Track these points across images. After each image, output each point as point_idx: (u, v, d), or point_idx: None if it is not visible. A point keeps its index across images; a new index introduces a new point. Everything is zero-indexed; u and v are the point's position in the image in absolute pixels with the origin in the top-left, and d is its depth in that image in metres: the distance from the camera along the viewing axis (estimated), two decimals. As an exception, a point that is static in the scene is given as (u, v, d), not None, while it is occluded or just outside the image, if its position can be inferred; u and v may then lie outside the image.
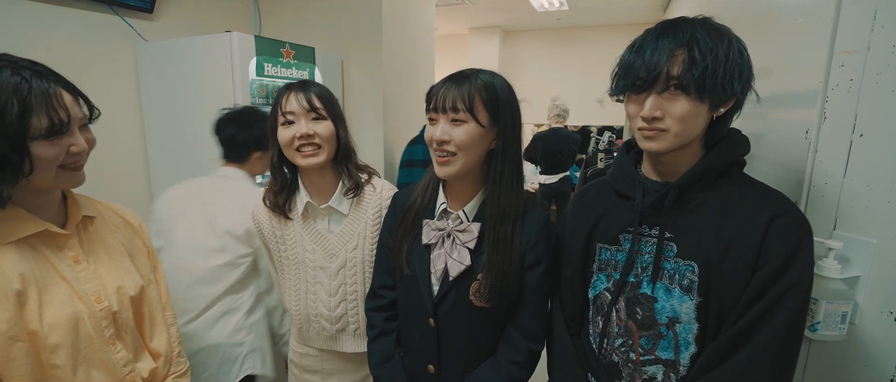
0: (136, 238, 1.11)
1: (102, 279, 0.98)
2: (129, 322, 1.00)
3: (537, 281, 1.05)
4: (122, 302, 0.99)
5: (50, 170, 0.87)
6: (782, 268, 0.79)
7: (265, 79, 2.28)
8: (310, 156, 1.18)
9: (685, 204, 0.89)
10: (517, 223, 1.03)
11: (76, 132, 0.90)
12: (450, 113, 0.98)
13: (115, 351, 0.97)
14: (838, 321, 0.95)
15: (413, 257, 1.09)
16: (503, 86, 1.01)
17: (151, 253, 1.15)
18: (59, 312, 0.90)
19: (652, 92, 0.82)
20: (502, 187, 1.02)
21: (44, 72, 0.89)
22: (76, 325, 0.91)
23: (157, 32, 2.41)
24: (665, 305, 0.89)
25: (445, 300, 1.06)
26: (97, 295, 0.95)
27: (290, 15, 2.91)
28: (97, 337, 0.94)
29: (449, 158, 1.00)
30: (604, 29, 7.03)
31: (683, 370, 0.88)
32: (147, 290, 1.07)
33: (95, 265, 0.98)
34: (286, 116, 1.18)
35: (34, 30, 1.94)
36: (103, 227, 1.04)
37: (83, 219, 0.99)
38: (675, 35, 0.80)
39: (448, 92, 0.98)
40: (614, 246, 0.97)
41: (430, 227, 1.07)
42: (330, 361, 1.35)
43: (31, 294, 0.87)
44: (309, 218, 1.28)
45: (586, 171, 3.37)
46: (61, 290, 0.92)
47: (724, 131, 0.90)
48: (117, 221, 1.09)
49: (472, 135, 0.98)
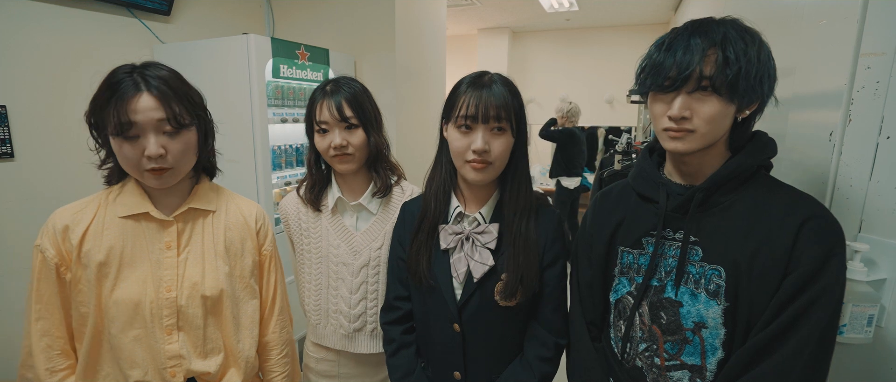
0: (249, 240, 1.11)
1: (185, 271, 1.01)
2: (197, 319, 1.02)
3: (556, 279, 1.07)
4: (193, 298, 1.01)
5: (131, 168, 0.95)
6: (814, 273, 0.77)
7: (281, 81, 2.30)
8: (343, 164, 1.25)
9: (710, 207, 0.88)
10: (533, 220, 1.05)
11: (149, 136, 0.92)
12: (492, 122, 0.98)
13: (167, 341, 1.00)
14: (864, 324, 0.95)
15: (433, 264, 1.09)
16: (517, 88, 1.04)
17: (270, 257, 1.16)
18: (128, 290, 0.97)
19: (681, 92, 0.81)
20: (521, 186, 1.04)
21: (152, 76, 0.93)
22: (137, 306, 0.97)
23: (174, 34, 2.44)
24: (691, 310, 0.88)
25: (470, 303, 1.06)
26: (169, 284, 0.99)
27: (303, 16, 2.93)
28: (154, 323, 0.99)
29: (486, 166, 1.00)
30: (614, 29, 7.00)
31: (710, 375, 0.87)
32: (236, 294, 1.07)
33: (186, 256, 1.03)
34: (320, 125, 1.24)
35: (53, 32, 1.97)
36: (213, 223, 1.07)
37: (191, 211, 1.05)
38: (707, 34, 0.79)
39: (488, 101, 0.98)
40: (637, 250, 0.96)
41: (447, 232, 1.08)
42: (346, 365, 1.36)
43: (112, 267, 0.97)
44: (337, 213, 1.32)
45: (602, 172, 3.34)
46: (141, 271, 0.99)
47: (748, 133, 0.90)
48: (236, 220, 1.10)
49: (509, 145, 1.01)
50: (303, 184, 1.36)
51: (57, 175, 2.00)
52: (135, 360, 0.98)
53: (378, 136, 1.29)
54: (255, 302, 1.11)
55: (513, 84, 1.04)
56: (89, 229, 0.98)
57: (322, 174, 1.34)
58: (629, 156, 4.10)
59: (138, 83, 0.91)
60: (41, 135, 1.95)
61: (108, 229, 0.98)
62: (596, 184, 3.32)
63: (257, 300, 1.12)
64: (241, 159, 2.18)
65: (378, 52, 2.79)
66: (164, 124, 0.92)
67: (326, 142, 1.23)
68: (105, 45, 2.15)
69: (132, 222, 1.00)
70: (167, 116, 0.92)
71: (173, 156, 0.94)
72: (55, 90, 1.99)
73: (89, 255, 0.96)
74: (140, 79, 0.91)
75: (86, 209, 1.01)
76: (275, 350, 1.15)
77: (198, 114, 1.00)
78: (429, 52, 3.23)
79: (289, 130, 2.46)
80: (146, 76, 0.92)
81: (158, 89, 0.91)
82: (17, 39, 1.86)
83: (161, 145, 0.92)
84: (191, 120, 0.97)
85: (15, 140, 1.87)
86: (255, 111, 2.13)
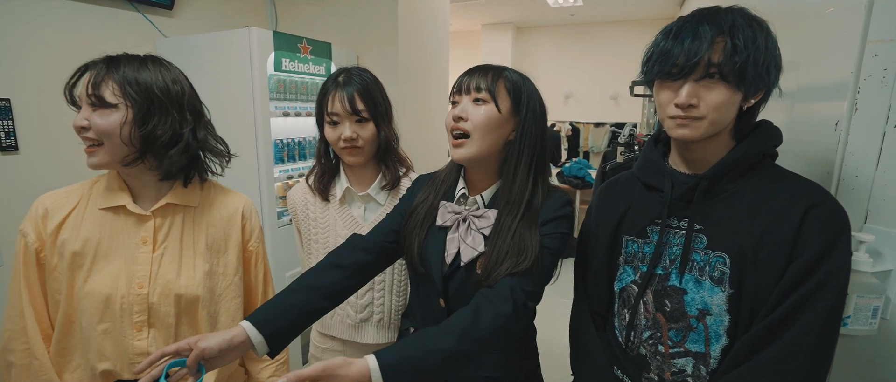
0: (234, 235, 1.09)
1: (159, 268, 0.99)
2: (169, 318, 1.00)
3: (546, 245, 0.98)
4: (166, 297, 0.99)
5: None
6: (819, 259, 0.77)
7: (283, 75, 2.30)
8: (352, 156, 1.26)
9: (715, 195, 0.88)
10: (526, 214, 1.00)
11: (85, 108, 0.95)
12: (473, 92, 0.99)
13: (136, 338, 0.98)
14: (869, 315, 0.94)
15: (426, 242, 1.07)
16: (529, 83, 1.03)
17: (255, 255, 1.13)
18: (100, 283, 0.96)
19: (689, 79, 0.81)
20: (516, 178, 1.00)
21: (117, 58, 1.00)
22: (108, 300, 0.96)
23: (177, 29, 2.44)
24: (695, 297, 0.88)
25: (454, 278, 1.03)
26: (141, 280, 0.98)
27: (306, 10, 2.93)
28: (124, 319, 0.97)
29: (464, 140, 0.99)
30: (618, 25, 6.98)
31: (714, 362, 0.87)
32: (217, 292, 1.05)
33: (162, 252, 1.01)
34: (331, 117, 1.24)
35: (56, 25, 1.97)
36: (194, 220, 1.05)
37: (170, 206, 1.02)
38: (715, 22, 0.79)
39: (473, 74, 1.00)
40: (642, 239, 0.96)
41: (447, 209, 1.06)
42: (353, 356, 1.35)
43: (87, 258, 0.97)
44: (345, 204, 1.33)
45: (605, 165, 3.33)
46: (114, 265, 0.98)
47: (753, 122, 0.89)
48: (220, 216, 1.08)
49: (490, 117, 0.97)
50: (312, 173, 1.37)
51: (61, 168, 2.01)
52: (104, 353, 0.98)
53: (388, 129, 1.29)
54: (238, 300, 1.09)
55: (528, 79, 1.04)
56: (68, 218, 0.98)
57: (331, 164, 1.35)
58: (632, 148, 4.08)
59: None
60: (45, 128, 1.96)
61: (88, 220, 0.98)
62: (599, 176, 3.30)
63: (241, 298, 1.10)
64: (243, 153, 2.17)
65: (381, 47, 2.78)
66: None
67: (336, 133, 1.24)
68: (108, 39, 2.15)
69: (111, 215, 0.99)
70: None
71: (95, 131, 0.93)
72: (58, 84, 1.98)
73: (65, 244, 0.96)
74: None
75: (69, 197, 1.00)
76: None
77: (136, 98, 0.94)
78: (432, 48, 3.23)
79: (291, 124, 2.46)
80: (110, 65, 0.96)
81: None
82: (21, 33, 1.87)
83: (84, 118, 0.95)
84: (120, 101, 0.94)
85: (19, 133, 1.88)
86: (257, 105, 2.13)
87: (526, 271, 0.94)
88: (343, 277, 1.04)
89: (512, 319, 0.89)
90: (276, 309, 0.95)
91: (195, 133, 1.01)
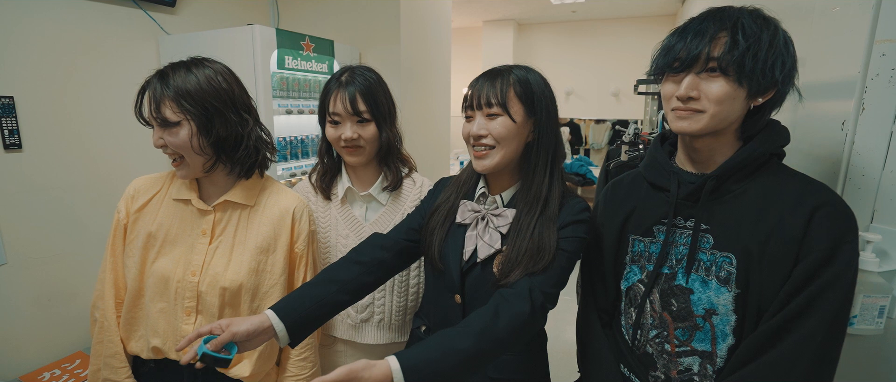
0: (283, 235, 1.12)
1: (212, 259, 1.07)
2: (213, 308, 1.06)
3: (563, 248, 0.99)
4: (212, 287, 1.06)
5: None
6: (825, 260, 0.77)
7: (285, 72, 2.30)
8: (353, 156, 1.26)
9: (722, 194, 0.88)
10: (544, 214, 1.02)
11: (156, 128, 1.03)
12: (484, 108, 0.99)
13: (185, 322, 1.07)
14: (876, 315, 0.94)
15: (447, 240, 1.08)
16: (538, 80, 1.02)
17: (302, 257, 1.16)
18: (162, 266, 1.07)
19: (690, 72, 0.83)
20: (535, 179, 1.02)
21: (166, 72, 1.04)
22: (166, 282, 1.07)
23: (179, 26, 2.43)
24: (701, 297, 0.88)
25: (471, 274, 1.05)
26: (195, 269, 1.07)
27: (308, 7, 2.92)
28: (177, 302, 1.07)
29: (487, 152, 1.00)
30: (620, 21, 6.95)
31: (721, 361, 0.88)
32: (261, 289, 1.10)
33: (217, 245, 1.09)
34: (332, 117, 1.24)
35: (59, 23, 1.97)
36: (250, 218, 1.12)
37: (227, 203, 1.11)
38: (720, 19, 0.81)
39: (482, 88, 1.00)
40: (648, 238, 0.96)
41: (467, 207, 1.08)
42: (353, 356, 1.37)
43: (158, 239, 1.09)
44: (347, 203, 1.33)
45: (609, 164, 3.32)
46: (178, 251, 1.09)
47: (762, 123, 0.89)
48: (271, 215, 1.12)
49: (508, 129, 0.99)
50: (315, 171, 1.37)
51: (64, 166, 2.01)
52: (158, 330, 1.08)
53: (390, 130, 1.29)
54: (272, 292, 1.11)
55: (535, 74, 1.02)
56: (151, 201, 1.12)
57: (333, 163, 1.35)
58: (636, 146, 4.07)
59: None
60: (49, 126, 1.95)
61: (165, 206, 1.11)
62: (602, 175, 3.29)
63: (275, 290, 1.12)
64: (247, 150, 2.18)
65: (383, 43, 2.78)
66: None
67: (338, 133, 1.24)
68: (111, 37, 2.14)
69: (182, 205, 1.11)
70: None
71: (172, 148, 1.03)
72: (61, 81, 1.99)
73: (143, 224, 1.09)
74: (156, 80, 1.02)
75: (155, 183, 1.14)
76: (294, 351, 1.15)
77: (193, 110, 1.01)
78: (434, 44, 3.22)
79: (294, 122, 2.46)
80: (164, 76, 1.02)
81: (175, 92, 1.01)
82: (24, 30, 1.86)
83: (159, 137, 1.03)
84: (181, 117, 1.01)
85: (22, 131, 1.88)
86: (260, 102, 2.13)
87: (543, 271, 0.94)
88: (362, 273, 1.06)
89: (530, 319, 0.90)
90: (297, 301, 0.98)
91: (252, 132, 1.10)
